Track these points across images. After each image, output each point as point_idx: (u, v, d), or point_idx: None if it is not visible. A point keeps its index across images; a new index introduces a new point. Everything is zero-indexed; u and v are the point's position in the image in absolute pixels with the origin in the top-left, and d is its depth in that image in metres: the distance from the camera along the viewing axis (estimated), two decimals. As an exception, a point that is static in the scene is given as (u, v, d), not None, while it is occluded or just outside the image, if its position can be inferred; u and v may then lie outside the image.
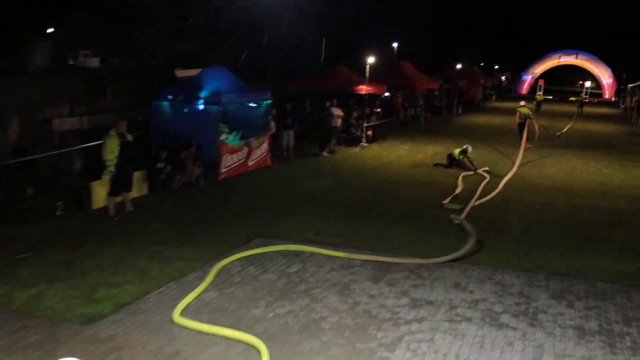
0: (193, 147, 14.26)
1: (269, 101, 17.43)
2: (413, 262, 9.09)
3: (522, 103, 26.29)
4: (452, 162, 18.03)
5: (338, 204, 12.83)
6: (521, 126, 25.37)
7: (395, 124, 28.99)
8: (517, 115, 24.49)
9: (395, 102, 30.66)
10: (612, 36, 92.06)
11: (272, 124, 18.19)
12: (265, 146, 17.07)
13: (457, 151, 18.18)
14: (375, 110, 25.42)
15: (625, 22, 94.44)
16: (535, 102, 43.67)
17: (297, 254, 9.28)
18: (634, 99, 39.39)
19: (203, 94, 15.40)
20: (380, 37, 41.59)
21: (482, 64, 77.50)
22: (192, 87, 15.68)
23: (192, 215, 11.48)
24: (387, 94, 29.62)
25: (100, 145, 11.39)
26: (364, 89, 23.47)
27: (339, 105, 21.12)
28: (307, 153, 19.74)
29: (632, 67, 69.36)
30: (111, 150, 11.07)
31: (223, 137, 15.27)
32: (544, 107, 44.85)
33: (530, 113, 24.93)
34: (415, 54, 44.60)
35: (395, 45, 46.23)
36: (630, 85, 44.04)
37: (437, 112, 35.83)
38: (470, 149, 18.23)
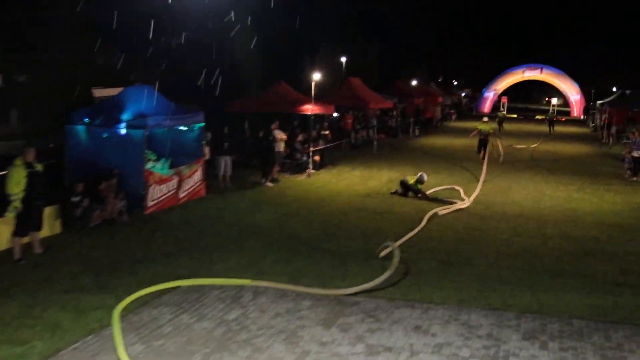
0: (114, 177, 14.05)
1: (202, 124, 17.29)
2: (320, 293, 9.29)
3: (485, 119, 27.41)
4: (407, 190, 18.28)
5: (282, 239, 12.79)
6: (481, 144, 26.37)
7: (345, 147, 29.11)
8: (476, 131, 25.23)
9: (345, 123, 30.88)
10: (578, 50, 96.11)
11: (206, 150, 18.07)
12: (198, 175, 16.91)
13: (411, 178, 18.42)
14: (322, 132, 25.54)
15: (590, 34, 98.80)
16: (497, 119, 45.03)
17: (236, 298, 9.17)
18: (604, 116, 40.96)
19: (125, 116, 15.14)
20: (327, 50, 42.13)
21: (439, 80, 79.50)
22: (112, 109, 15.40)
23: (113, 256, 11.25)
24: (335, 114, 29.87)
25: (3, 177, 11.08)
26: (309, 109, 23.52)
27: (282, 128, 21.12)
28: (247, 182, 19.67)
29: (600, 83, 72.55)
30: (17, 183, 10.78)
31: (149, 165, 15.07)
32: (508, 127, 45.97)
33: (491, 130, 26.36)
34: (366, 69, 45.31)
35: (343, 60, 46.85)
36: (599, 102, 45.60)
37: (391, 134, 36.17)
38: (425, 177, 18.59)
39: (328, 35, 44.02)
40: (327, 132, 25.58)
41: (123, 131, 15.03)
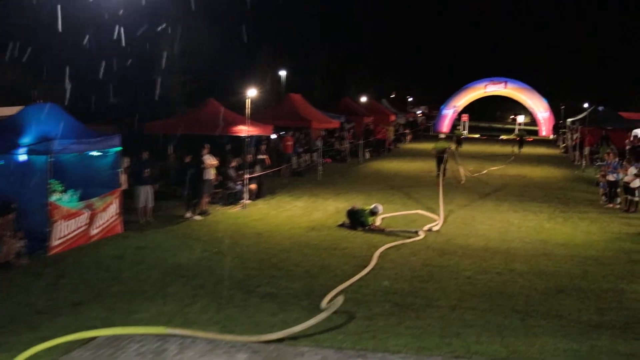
0: (11, 212, 13.58)
1: (118, 148, 16.91)
2: (238, 340, 9.13)
3: (442, 136, 27.67)
4: (357, 222, 18.29)
5: (212, 282, 12.52)
6: (439, 161, 27.89)
7: (285, 174, 28.95)
8: (433, 151, 26.11)
9: (285, 146, 30.53)
10: (545, 63, 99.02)
11: (124, 179, 17.68)
12: (114, 208, 16.55)
13: (364, 209, 18.45)
14: (259, 157, 25.36)
15: (559, 47, 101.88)
16: (455, 138, 45.62)
17: (159, 352, 8.74)
18: (575, 135, 41.78)
19: (25, 140, 14.73)
20: (263, 64, 41.95)
21: (392, 96, 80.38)
22: (9, 131, 14.92)
23: (9, 308, 10.80)
24: (274, 136, 29.78)
25: None
26: (244, 130, 23.32)
27: (212, 152, 20.80)
28: (171, 215, 19.41)
29: (570, 99, 74.59)
30: None
31: (55, 197, 14.64)
32: (470, 148, 46.30)
33: (447, 146, 27.30)
34: (309, 84, 45.23)
35: (283, 74, 46.51)
36: (569, 120, 46.27)
37: (338, 158, 36.11)
38: (380, 209, 18.58)
39: (266, 45, 43.98)
40: (264, 157, 25.33)
41: (23, 157, 14.60)
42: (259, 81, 27.78)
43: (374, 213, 18.42)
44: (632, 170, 21.81)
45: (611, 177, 23.07)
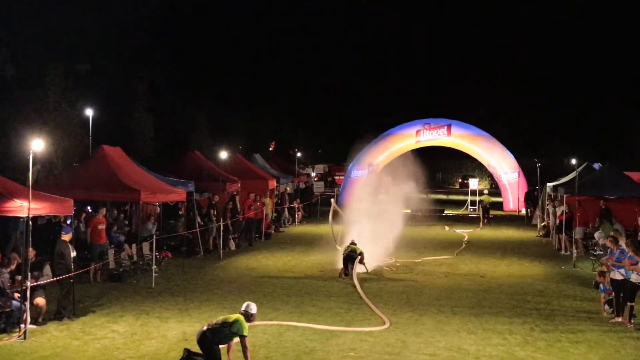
0: None
1: None
2: None
3: (352, 240, 29.57)
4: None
5: None
6: (348, 260, 29.34)
7: (98, 278, 27.78)
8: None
9: (94, 232, 28.64)
10: (510, 97, 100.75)
11: None
12: None
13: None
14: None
15: (532, 74, 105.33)
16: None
17: None
18: (560, 209, 38.48)
19: None
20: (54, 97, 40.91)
21: (270, 149, 78.25)
22: None
23: None
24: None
25: None
26: (22, 208, 21.83)
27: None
28: None
29: (549, 151, 73.04)
30: None
31: None
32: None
33: (360, 250, 28.95)
34: (133, 131, 43.81)
35: (90, 113, 44.37)
36: (550, 185, 44.65)
37: (185, 251, 33.96)
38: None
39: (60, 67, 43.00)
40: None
41: None
42: (52, 126, 26.12)
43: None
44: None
45: (617, 275, 22.08)
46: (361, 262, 29.59)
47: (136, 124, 50.73)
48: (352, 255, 29.47)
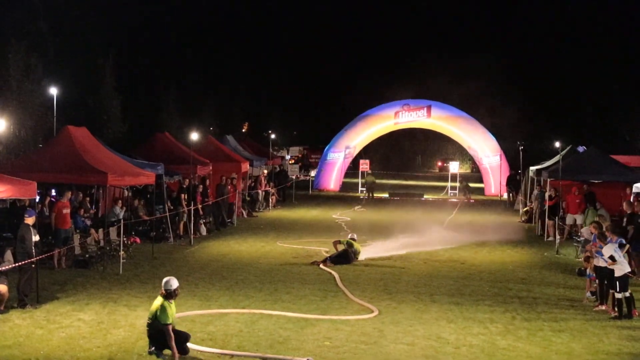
0: None
1: None
2: None
3: (352, 236, 30.23)
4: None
5: None
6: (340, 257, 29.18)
7: (63, 265, 27.37)
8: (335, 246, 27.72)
9: (59, 217, 27.99)
10: (493, 77, 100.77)
11: None
12: None
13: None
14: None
15: (518, 55, 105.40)
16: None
17: None
18: (546, 194, 38.05)
19: None
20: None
21: (243, 130, 77.83)
22: None
23: None
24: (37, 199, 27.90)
25: None
26: None
27: None
28: None
29: (533, 134, 72.66)
30: None
31: None
32: (371, 215, 46.14)
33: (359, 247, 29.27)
34: (100, 111, 43.46)
35: (54, 92, 43.51)
36: (533, 169, 44.46)
37: (154, 236, 33.87)
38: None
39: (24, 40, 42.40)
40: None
41: None
42: (15, 105, 25.67)
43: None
44: (609, 249, 21.35)
45: (601, 262, 22.09)
46: (337, 260, 29.28)
47: (103, 103, 50.21)
48: (348, 253, 29.42)
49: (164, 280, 17.88)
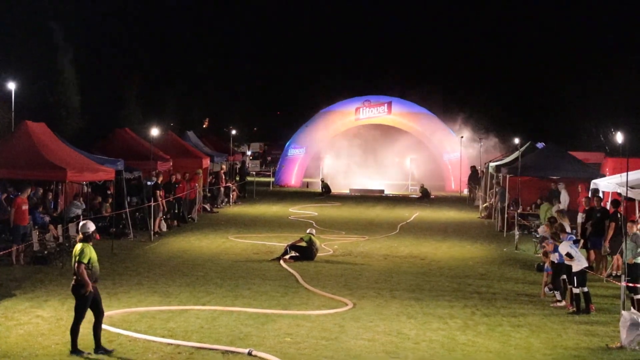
0: None
1: None
2: None
3: (310, 231, 30.69)
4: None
5: None
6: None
7: (21, 261, 27.41)
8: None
9: (18, 212, 27.82)
10: (452, 72, 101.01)
11: None
12: None
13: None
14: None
15: (474, 50, 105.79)
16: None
17: None
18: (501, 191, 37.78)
19: None
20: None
21: (205, 126, 77.91)
22: None
23: None
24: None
25: None
26: None
27: None
28: None
29: (494, 130, 72.66)
30: None
31: None
32: (330, 211, 46.28)
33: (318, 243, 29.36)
34: (59, 107, 43.35)
35: (12, 87, 42.81)
36: (492, 165, 44.41)
37: (114, 232, 33.86)
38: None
39: None
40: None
41: None
42: None
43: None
44: (564, 247, 21.83)
45: (554, 257, 22.52)
46: (299, 256, 29.56)
47: (61, 98, 50.00)
48: (310, 250, 29.71)
49: (80, 224, 18.89)
